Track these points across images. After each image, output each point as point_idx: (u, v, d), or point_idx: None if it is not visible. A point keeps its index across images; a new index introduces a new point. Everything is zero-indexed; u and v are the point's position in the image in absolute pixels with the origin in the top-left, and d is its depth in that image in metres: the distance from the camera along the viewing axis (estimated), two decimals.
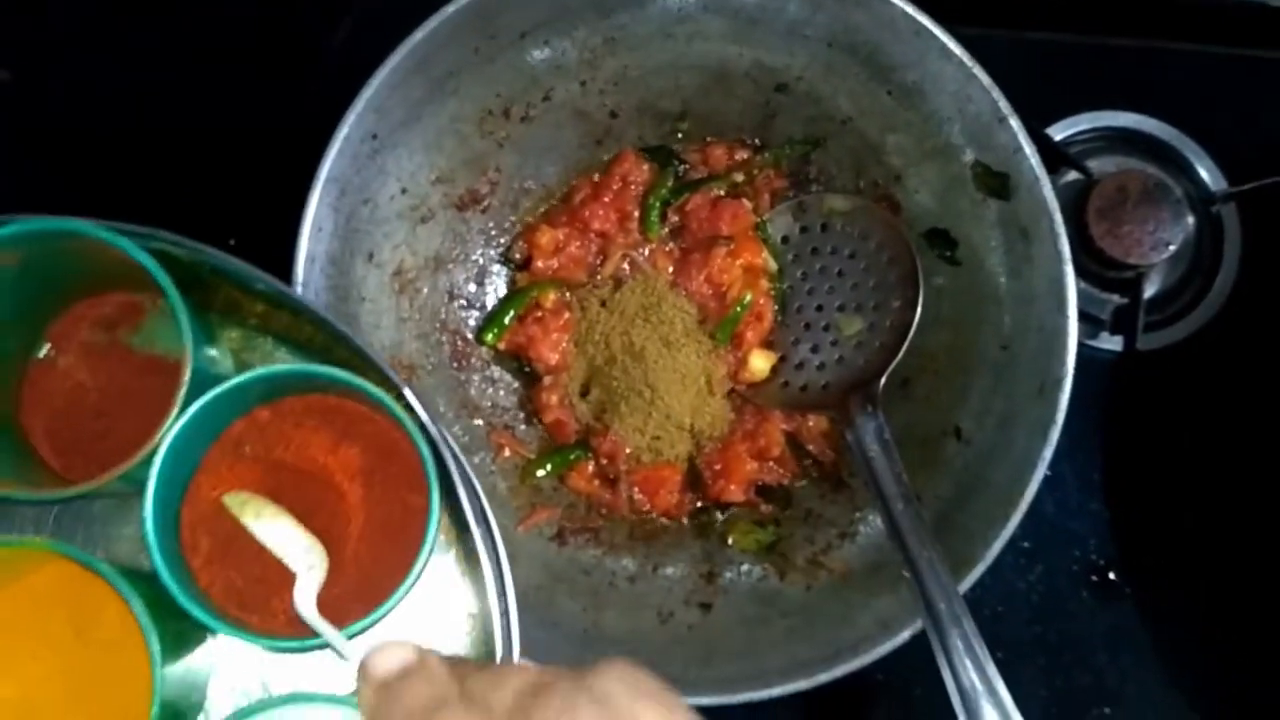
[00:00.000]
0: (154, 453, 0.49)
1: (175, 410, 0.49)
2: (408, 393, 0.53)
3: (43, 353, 0.55)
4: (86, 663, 0.50)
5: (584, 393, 0.72)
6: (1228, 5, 0.81)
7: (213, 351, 0.56)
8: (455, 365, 0.72)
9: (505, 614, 0.53)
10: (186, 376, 0.49)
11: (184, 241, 0.52)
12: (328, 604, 0.50)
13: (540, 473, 0.71)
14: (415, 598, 0.53)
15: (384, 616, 0.50)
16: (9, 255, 0.50)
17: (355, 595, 0.51)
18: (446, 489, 0.52)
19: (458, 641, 0.55)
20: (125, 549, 0.54)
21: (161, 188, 0.78)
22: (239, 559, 0.51)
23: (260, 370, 0.51)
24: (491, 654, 0.53)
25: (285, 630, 0.50)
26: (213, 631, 0.51)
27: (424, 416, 0.52)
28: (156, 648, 0.47)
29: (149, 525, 0.48)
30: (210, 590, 0.51)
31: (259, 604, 0.51)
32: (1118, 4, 0.82)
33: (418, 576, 0.50)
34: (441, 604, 0.55)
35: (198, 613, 0.48)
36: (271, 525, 0.50)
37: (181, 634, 0.51)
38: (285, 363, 0.57)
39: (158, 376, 0.53)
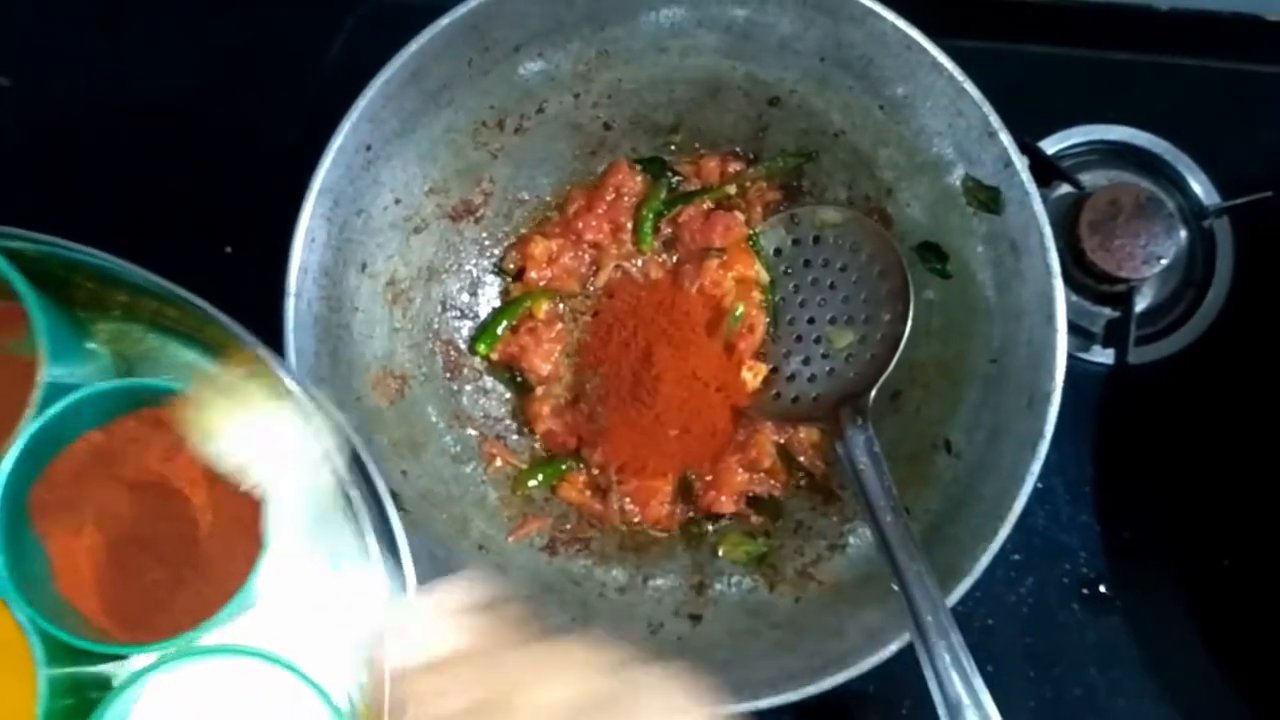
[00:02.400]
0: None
1: (31, 414, 0.50)
2: (266, 357, 0.54)
3: None
4: None
5: (575, 403, 0.72)
6: (1221, 19, 0.81)
7: (90, 345, 0.57)
8: (448, 375, 0.72)
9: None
10: (41, 378, 0.50)
11: (33, 236, 0.53)
12: (191, 607, 0.51)
13: (532, 483, 0.71)
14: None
15: (244, 603, 0.51)
16: None
17: (221, 592, 0.51)
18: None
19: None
20: None
21: (157, 197, 0.78)
22: (115, 577, 0.53)
23: (85, 390, 0.52)
24: None
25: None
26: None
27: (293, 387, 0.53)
28: (40, 654, 0.48)
29: None
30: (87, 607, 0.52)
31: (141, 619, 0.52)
32: (1111, 17, 0.82)
33: (265, 555, 0.51)
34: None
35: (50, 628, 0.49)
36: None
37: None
38: (155, 350, 0.58)
39: None
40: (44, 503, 0.53)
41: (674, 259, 0.74)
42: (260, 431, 0.51)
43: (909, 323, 0.66)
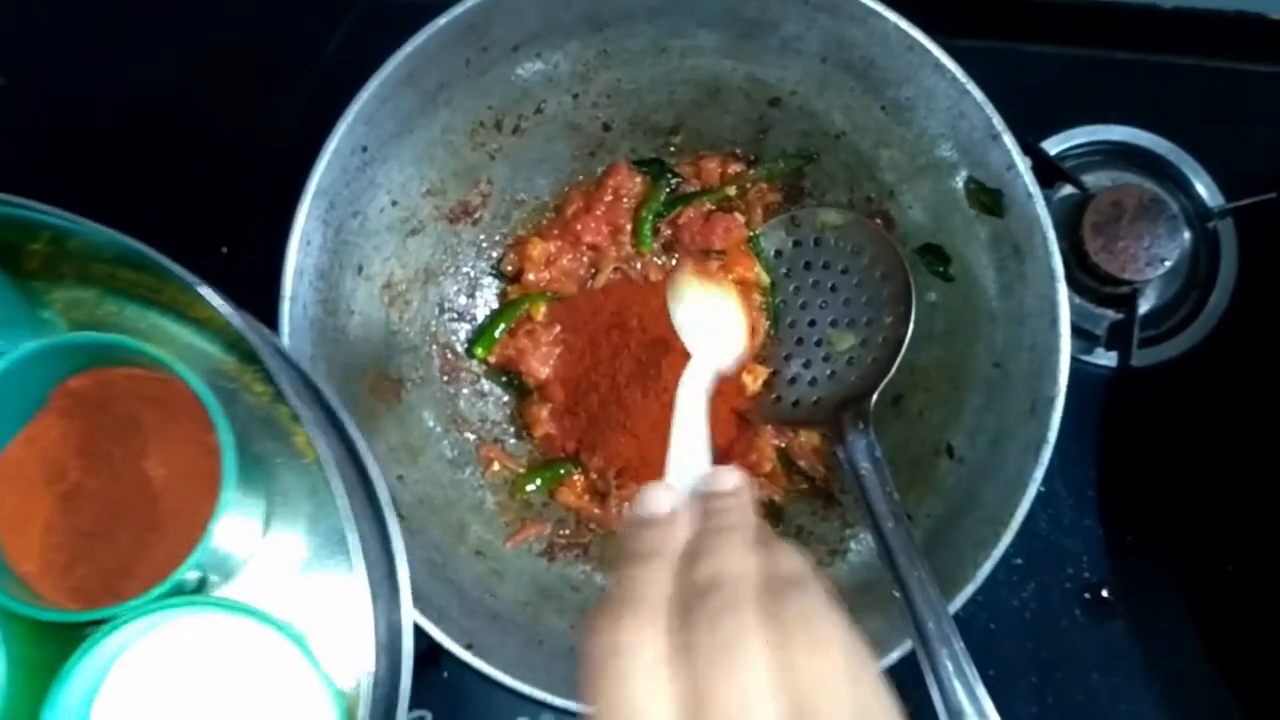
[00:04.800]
0: None
1: None
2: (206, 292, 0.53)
3: None
4: None
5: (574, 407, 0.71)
6: (1226, 18, 0.81)
7: (45, 314, 0.56)
8: (445, 379, 0.71)
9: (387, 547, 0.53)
10: None
11: None
12: (152, 565, 0.51)
13: (530, 487, 0.71)
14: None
15: (199, 560, 0.49)
16: None
17: (184, 548, 0.50)
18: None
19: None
20: None
21: (152, 198, 0.78)
22: (74, 548, 0.52)
23: (19, 350, 0.50)
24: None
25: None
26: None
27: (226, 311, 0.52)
28: None
29: None
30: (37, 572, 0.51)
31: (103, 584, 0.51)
32: (1115, 17, 0.82)
33: (222, 511, 0.50)
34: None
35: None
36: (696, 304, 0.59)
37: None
38: (113, 315, 0.57)
39: None
40: (7, 484, 0.52)
41: (674, 261, 0.73)
42: None
43: (911, 326, 0.66)
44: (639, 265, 0.73)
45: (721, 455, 0.70)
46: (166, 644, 0.51)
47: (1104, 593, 0.74)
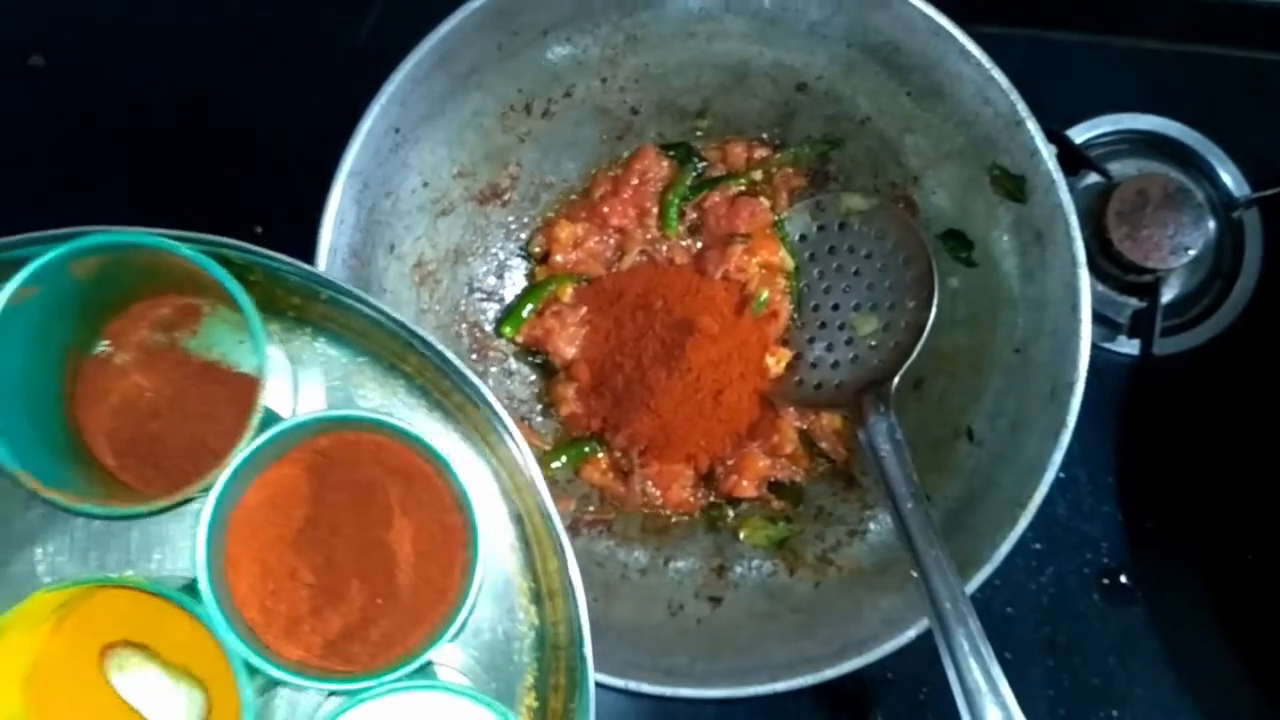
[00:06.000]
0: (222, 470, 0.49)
1: (251, 429, 0.49)
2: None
3: (99, 350, 0.54)
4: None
5: (599, 386, 0.72)
6: (1255, 8, 0.81)
7: (268, 345, 0.55)
8: (474, 357, 0.72)
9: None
10: (262, 399, 0.49)
11: (244, 246, 0.52)
12: (382, 633, 0.51)
13: (555, 464, 0.72)
14: None
15: (446, 639, 0.50)
16: (86, 266, 0.50)
17: (412, 621, 0.51)
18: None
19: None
20: (184, 559, 0.54)
21: (187, 177, 0.79)
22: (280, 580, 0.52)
23: (320, 414, 0.51)
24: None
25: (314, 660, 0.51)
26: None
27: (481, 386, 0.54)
28: (249, 692, 0.47)
29: (203, 562, 0.48)
30: (250, 610, 0.51)
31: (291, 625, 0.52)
32: (1142, 5, 0.82)
33: (473, 600, 0.50)
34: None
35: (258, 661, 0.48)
36: (136, 677, 0.50)
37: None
38: (322, 352, 0.57)
39: (214, 384, 0.53)
40: (237, 529, 0.52)
41: (699, 244, 0.74)
42: None
43: (933, 310, 0.66)
44: (664, 248, 0.74)
45: (745, 437, 0.71)
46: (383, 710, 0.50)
47: (1122, 578, 0.75)
